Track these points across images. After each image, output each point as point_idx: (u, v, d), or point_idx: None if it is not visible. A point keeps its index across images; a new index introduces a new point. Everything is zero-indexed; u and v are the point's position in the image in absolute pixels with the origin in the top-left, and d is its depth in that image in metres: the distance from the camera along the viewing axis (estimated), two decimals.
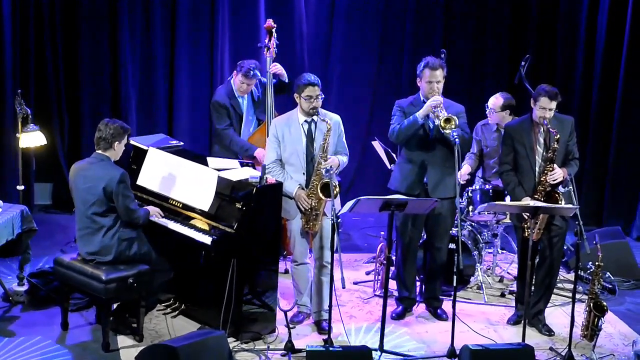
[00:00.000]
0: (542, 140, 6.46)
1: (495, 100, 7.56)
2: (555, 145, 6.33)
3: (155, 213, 6.33)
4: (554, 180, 6.39)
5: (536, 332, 6.65)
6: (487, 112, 7.63)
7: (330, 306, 6.08)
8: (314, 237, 6.42)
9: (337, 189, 6.21)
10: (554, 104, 6.36)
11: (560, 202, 6.34)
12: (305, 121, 6.38)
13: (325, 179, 6.15)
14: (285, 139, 6.38)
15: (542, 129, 6.43)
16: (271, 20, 7.64)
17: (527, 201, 6.32)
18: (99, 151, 6.08)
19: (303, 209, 6.32)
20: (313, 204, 6.30)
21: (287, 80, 7.53)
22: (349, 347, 6.07)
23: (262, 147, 7.30)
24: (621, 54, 8.97)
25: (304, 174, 6.36)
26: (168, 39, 9.09)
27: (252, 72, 7.38)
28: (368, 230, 8.88)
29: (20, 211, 6.74)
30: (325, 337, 6.12)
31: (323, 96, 6.35)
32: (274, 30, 7.57)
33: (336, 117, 6.44)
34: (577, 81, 9.38)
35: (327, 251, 6.37)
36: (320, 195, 6.23)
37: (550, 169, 6.38)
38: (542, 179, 6.41)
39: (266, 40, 7.58)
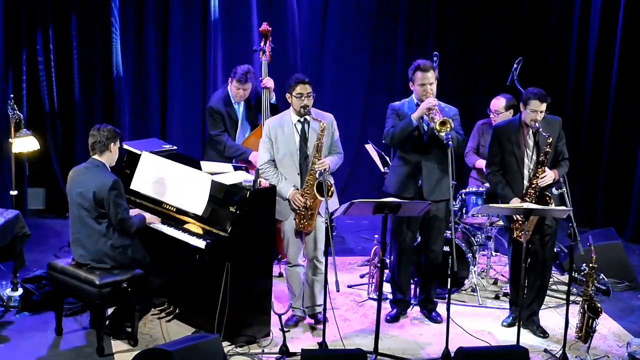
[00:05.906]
0: (531, 143, 6.46)
1: (498, 102, 7.56)
2: (548, 149, 6.33)
3: (152, 220, 6.32)
4: (545, 183, 6.40)
5: (531, 334, 6.66)
6: (490, 115, 7.62)
7: (324, 309, 6.08)
8: (307, 236, 6.42)
9: (332, 188, 6.21)
10: (544, 106, 6.35)
11: (550, 205, 6.34)
12: (299, 121, 6.37)
13: (320, 179, 6.14)
14: (279, 139, 6.37)
15: (531, 131, 6.43)
16: (266, 23, 7.64)
17: (519, 203, 6.33)
18: (95, 156, 6.06)
19: (296, 207, 6.32)
20: (308, 203, 6.30)
21: (275, 101, 7.50)
22: (343, 350, 6.07)
23: (257, 150, 7.28)
24: (614, 56, 8.98)
25: (298, 174, 6.36)
26: (160, 43, 9.08)
27: (246, 77, 7.38)
28: (362, 233, 8.87)
29: (14, 216, 6.73)
30: (320, 340, 6.12)
31: (314, 94, 6.35)
32: (269, 34, 7.58)
33: (329, 116, 6.44)
34: (569, 82, 9.39)
35: (320, 252, 6.37)
36: (316, 194, 6.23)
37: (542, 171, 6.38)
38: (533, 182, 6.41)
39: (262, 44, 7.60)
